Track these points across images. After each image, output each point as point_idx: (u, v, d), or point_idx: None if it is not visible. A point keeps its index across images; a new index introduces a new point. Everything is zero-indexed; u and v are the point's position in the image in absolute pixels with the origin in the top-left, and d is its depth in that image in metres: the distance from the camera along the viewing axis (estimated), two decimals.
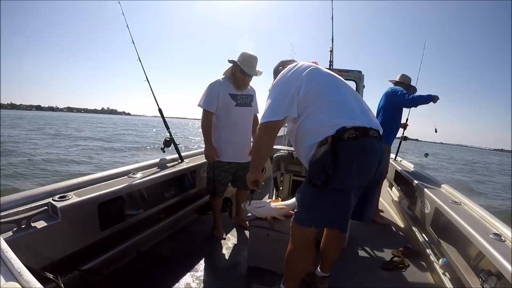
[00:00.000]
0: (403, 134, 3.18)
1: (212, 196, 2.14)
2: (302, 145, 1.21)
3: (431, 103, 2.53)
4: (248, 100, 2.06)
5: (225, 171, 2.05)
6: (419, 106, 2.57)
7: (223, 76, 2.02)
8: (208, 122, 1.97)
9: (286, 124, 1.33)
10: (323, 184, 1.08)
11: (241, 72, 1.91)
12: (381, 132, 1.21)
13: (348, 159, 1.07)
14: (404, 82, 2.76)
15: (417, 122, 2.76)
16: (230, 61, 1.96)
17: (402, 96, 2.54)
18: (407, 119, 3.15)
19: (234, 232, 2.26)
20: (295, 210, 1.24)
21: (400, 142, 3.29)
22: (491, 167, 27.75)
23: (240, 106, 1.98)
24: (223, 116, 1.98)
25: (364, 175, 1.13)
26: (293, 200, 1.62)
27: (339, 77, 1.30)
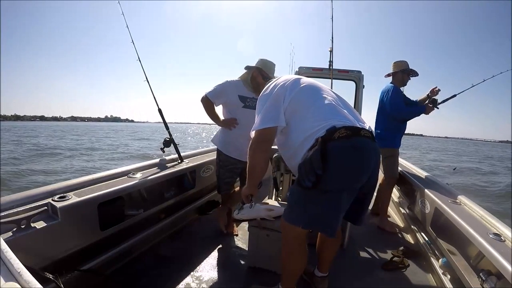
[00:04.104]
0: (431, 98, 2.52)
1: (218, 193, 2.24)
2: (296, 159, 1.16)
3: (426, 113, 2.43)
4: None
5: (229, 170, 2.09)
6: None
7: (238, 79, 2.08)
8: (209, 108, 2.03)
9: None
10: (313, 186, 1.04)
11: (263, 77, 1.95)
12: (374, 134, 1.19)
13: (339, 158, 1.03)
14: (399, 70, 2.50)
15: (421, 118, 2.65)
16: (249, 67, 2.01)
17: (391, 109, 2.44)
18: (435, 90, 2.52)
19: None
20: (285, 208, 1.24)
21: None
22: None
23: (248, 108, 2.02)
24: (231, 115, 2.05)
25: (357, 176, 1.09)
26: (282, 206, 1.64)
27: (322, 84, 1.31)
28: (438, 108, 2.50)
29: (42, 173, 9.30)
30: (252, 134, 1.24)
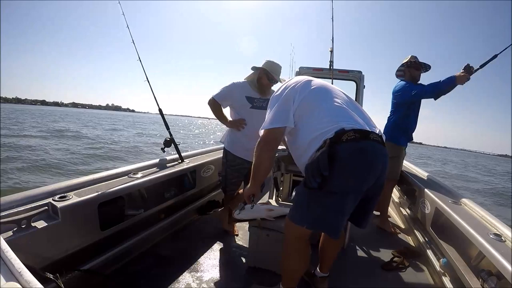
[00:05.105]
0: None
1: (224, 193, 2.23)
2: (304, 159, 1.16)
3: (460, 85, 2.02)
4: (265, 104, 2.09)
5: (236, 170, 2.09)
6: (441, 95, 2.14)
7: (244, 80, 2.08)
8: (217, 110, 2.03)
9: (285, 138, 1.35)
10: (319, 187, 1.04)
11: (268, 78, 1.96)
12: (384, 138, 1.19)
13: (346, 161, 1.04)
14: (404, 67, 2.39)
15: (421, 126, 2.52)
16: (255, 68, 2.01)
17: (405, 95, 2.27)
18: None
19: None
20: (291, 207, 1.24)
21: None
22: None
23: (256, 108, 2.02)
24: (239, 115, 2.04)
25: (364, 179, 1.09)
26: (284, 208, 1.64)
27: (333, 86, 1.32)
28: (469, 78, 2.04)
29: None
30: (261, 133, 1.26)
